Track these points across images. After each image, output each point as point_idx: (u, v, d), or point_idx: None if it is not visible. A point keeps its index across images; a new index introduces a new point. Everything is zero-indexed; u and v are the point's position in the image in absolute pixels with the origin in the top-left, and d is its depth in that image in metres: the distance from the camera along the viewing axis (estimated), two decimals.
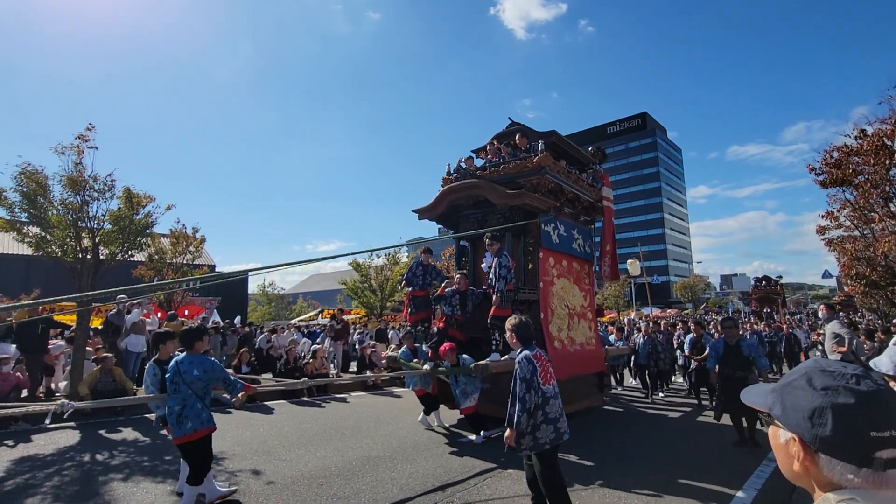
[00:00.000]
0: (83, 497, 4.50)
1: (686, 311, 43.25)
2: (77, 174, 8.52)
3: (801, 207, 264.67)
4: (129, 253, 9.38)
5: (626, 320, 21.22)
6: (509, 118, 8.99)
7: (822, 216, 15.28)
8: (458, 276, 7.27)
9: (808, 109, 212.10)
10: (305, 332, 17.20)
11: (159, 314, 12.18)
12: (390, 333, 16.12)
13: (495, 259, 6.78)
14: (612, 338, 11.69)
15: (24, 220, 8.61)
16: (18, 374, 7.75)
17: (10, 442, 6.26)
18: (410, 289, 7.79)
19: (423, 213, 8.39)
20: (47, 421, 4.46)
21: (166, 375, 4.27)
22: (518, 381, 3.64)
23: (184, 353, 4.25)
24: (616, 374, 11.71)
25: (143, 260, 17.40)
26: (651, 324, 13.59)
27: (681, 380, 12.09)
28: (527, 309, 7.21)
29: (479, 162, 8.47)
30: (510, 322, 3.93)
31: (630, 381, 12.38)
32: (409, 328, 8.45)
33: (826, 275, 35.57)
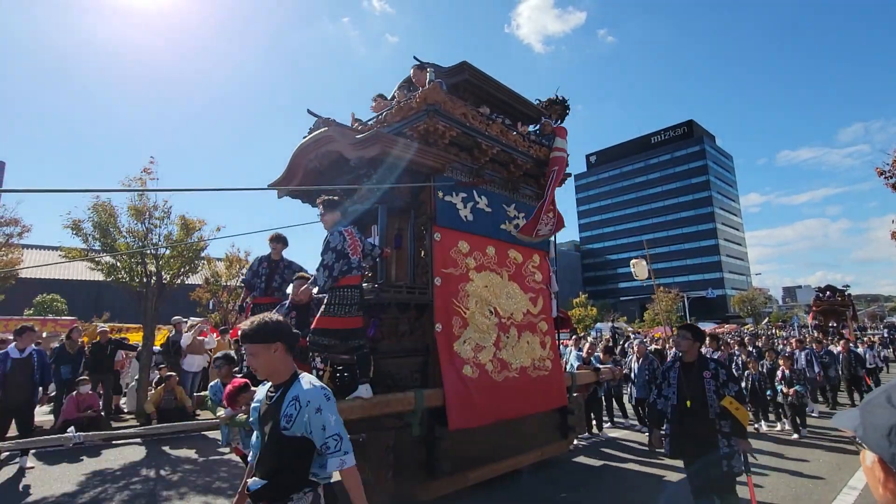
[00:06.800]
0: None
1: (746, 327, 40.71)
2: (141, 204, 9.17)
3: (867, 212, 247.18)
4: (187, 275, 9.94)
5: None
6: (414, 57, 6.09)
7: None
8: (297, 281, 4.84)
9: (864, 109, 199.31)
10: None
11: (215, 334, 12.72)
12: None
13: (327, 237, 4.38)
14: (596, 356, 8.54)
15: (96, 248, 9.35)
16: (90, 391, 8.25)
17: (83, 457, 6.66)
18: (252, 296, 5.54)
19: (278, 188, 6.07)
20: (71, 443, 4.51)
21: None
22: None
23: None
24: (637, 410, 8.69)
25: (200, 283, 18.42)
26: (650, 342, 11.01)
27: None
28: (415, 318, 5.15)
29: None
30: None
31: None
32: (227, 352, 5.76)
33: None
